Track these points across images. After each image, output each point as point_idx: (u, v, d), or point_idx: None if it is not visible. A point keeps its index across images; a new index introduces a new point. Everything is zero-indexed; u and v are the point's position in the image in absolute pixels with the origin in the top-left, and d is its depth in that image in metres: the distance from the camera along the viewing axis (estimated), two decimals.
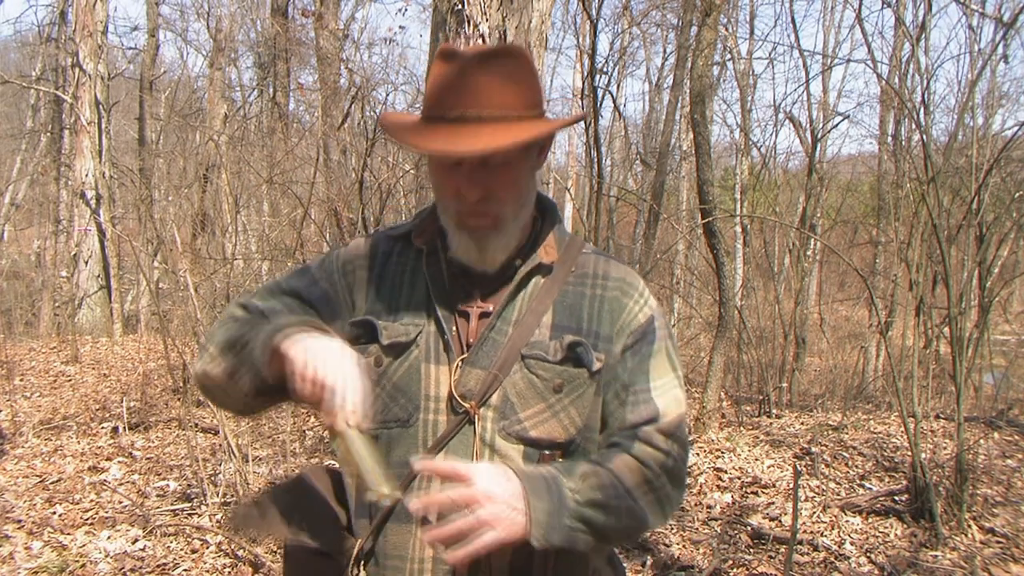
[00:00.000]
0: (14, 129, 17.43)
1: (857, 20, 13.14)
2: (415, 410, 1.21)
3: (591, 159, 11.18)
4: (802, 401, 8.03)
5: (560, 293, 1.24)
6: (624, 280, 1.28)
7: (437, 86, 1.15)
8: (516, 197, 1.20)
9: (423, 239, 1.27)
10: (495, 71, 1.12)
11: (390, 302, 1.26)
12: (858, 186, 16.02)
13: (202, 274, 7.24)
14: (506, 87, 1.13)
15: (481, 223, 1.19)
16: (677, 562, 3.70)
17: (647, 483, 1.18)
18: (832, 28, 17.33)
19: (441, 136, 1.12)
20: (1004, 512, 4.15)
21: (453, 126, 1.12)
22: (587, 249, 1.31)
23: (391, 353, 1.23)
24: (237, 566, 3.54)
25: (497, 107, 1.12)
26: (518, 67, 1.15)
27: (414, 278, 1.27)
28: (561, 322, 1.22)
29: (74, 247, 10.61)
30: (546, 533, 1.08)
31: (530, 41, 2.87)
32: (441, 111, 1.14)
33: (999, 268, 8.02)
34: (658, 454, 1.20)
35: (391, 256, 1.30)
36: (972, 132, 8.50)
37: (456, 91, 1.12)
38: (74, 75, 10.54)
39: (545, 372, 1.20)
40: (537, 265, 1.24)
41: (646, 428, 1.21)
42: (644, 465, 1.19)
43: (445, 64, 1.14)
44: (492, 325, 1.21)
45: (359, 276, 1.29)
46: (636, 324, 1.25)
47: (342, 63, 9.29)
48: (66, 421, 5.95)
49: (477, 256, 1.22)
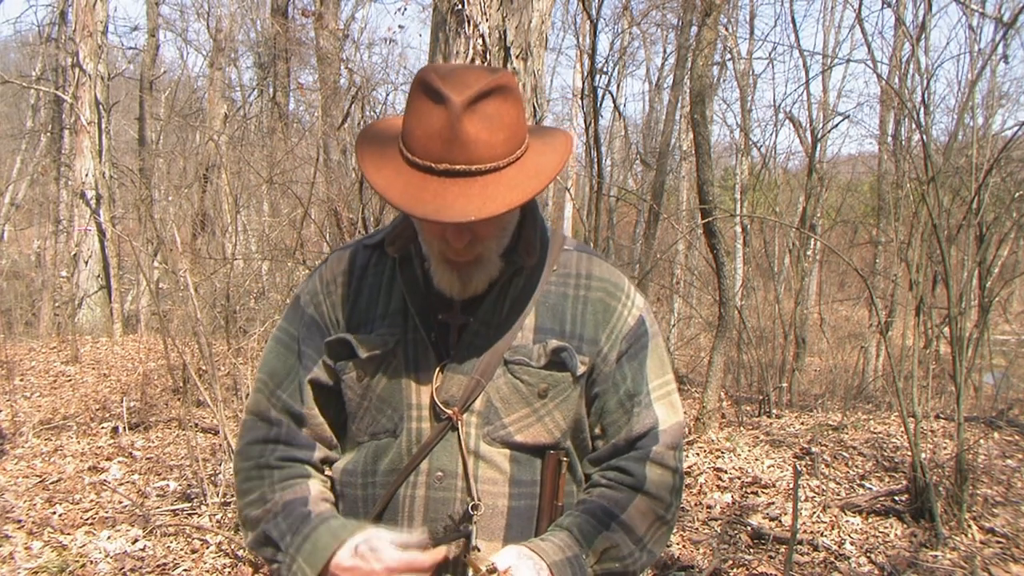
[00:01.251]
0: (14, 129, 17.44)
1: (857, 20, 13.15)
2: (400, 420, 1.20)
3: (591, 159, 11.18)
4: (802, 401, 8.03)
5: (542, 294, 1.23)
6: (608, 280, 1.27)
7: (421, 130, 1.07)
8: (499, 234, 1.18)
9: (396, 247, 1.25)
10: (483, 116, 1.06)
11: (367, 315, 1.24)
12: (858, 186, 16.04)
13: (202, 274, 7.23)
14: (495, 134, 1.07)
15: (465, 259, 1.17)
16: (677, 562, 3.70)
17: (659, 520, 1.22)
18: (832, 28, 17.33)
19: (430, 194, 1.06)
20: (1004, 512, 4.15)
21: (441, 180, 1.06)
22: (568, 246, 1.29)
23: (371, 365, 1.22)
24: (237, 566, 3.54)
25: (487, 159, 1.06)
26: (504, 104, 1.08)
27: (391, 288, 1.25)
28: (544, 324, 1.22)
29: (74, 247, 10.62)
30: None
31: (530, 41, 2.87)
32: (427, 160, 1.07)
33: (999, 268, 8.02)
34: (667, 476, 1.23)
35: (367, 268, 1.28)
36: (972, 132, 8.52)
37: (444, 142, 1.05)
38: (74, 75, 10.54)
39: (530, 377, 1.19)
40: (519, 268, 1.23)
41: (656, 448, 1.23)
42: (658, 500, 1.22)
43: (429, 102, 1.07)
44: (474, 330, 1.20)
45: (340, 293, 1.28)
46: (628, 328, 1.25)
47: (342, 63, 9.28)
48: (66, 421, 5.95)
49: (460, 289, 1.19)
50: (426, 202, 1.05)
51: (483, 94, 1.06)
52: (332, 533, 1.16)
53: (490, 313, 1.21)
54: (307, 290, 1.31)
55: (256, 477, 1.26)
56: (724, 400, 6.75)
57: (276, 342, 1.31)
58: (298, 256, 6.94)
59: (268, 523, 1.22)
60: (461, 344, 1.20)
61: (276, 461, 1.25)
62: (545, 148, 1.15)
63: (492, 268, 1.19)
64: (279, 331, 1.32)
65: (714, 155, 7.71)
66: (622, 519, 1.19)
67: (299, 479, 1.25)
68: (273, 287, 7.25)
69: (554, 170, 1.12)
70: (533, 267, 1.24)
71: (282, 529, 1.19)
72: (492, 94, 1.07)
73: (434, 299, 1.22)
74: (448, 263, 1.17)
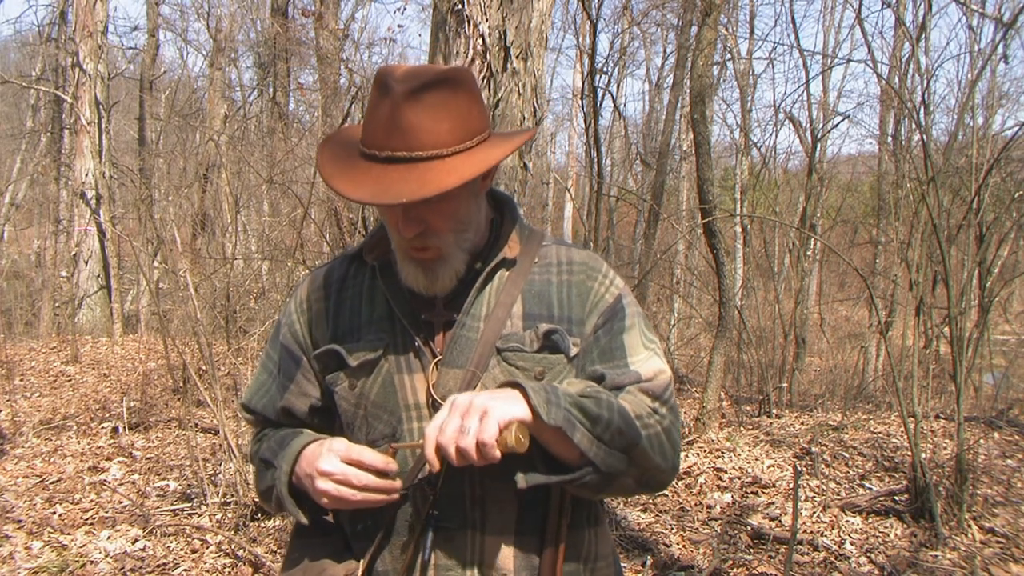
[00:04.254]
0: (14, 129, 17.43)
1: (857, 20, 13.15)
2: (398, 422, 1.20)
3: (591, 159, 11.19)
4: (802, 401, 8.03)
5: (527, 283, 1.24)
6: (587, 264, 1.28)
7: (370, 120, 1.12)
8: (456, 227, 1.17)
9: (375, 255, 1.27)
10: (426, 105, 1.08)
11: (352, 324, 1.25)
12: (858, 186, 16.05)
13: (202, 274, 7.24)
14: (438, 122, 1.08)
15: (424, 255, 1.18)
16: (677, 562, 3.70)
17: (637, 417, 1.15)
18: (832, 28, 17.36)
19: (371, 179, 1.09)
20: (1004, 512, 4.15)
21: (383, 167, 1.09)
22: (547, 241, 1.30)
23: (362, 373, 1.22)
24: (237, 566, 3.54)
25: (429, 146, 1.08)
26: (453, 96, 1.10)
27: (372, 294, 1.25)
28: (532, 310, 1.22)
29: (74, 247, 10.61)
30: (547, 410, 1.06)
31: (530, 41, 2.86)
32: (372, 149, 1.10)
33: (999, 268, 8.03)
34: (645, 406, 1.18)
35: (346, 279, 1.29)
36: (972, 132, 8.52)
37: (386, 129, 1.08)
38: (74, 75, 10.53)
39: (524, 363, 1.19)
40: (500, 260, 1.23)
41: (630, 387, 1.19)
42: (632, 406, 1.16)
43: (378, 95, 1.11)
44: (462, 323, 1.20)
45: (316, 309, 1.29)
46: (605, 304, 1.25)
47: (342, 63, 9.29)
48: (66, 421, 5.95)
49: (426, 284, 1.20)
50: (365, 186, 1.09)
51: (427, 84, 1.08)
52: (308, 435, 1.26)
53: (476, 305, 1.21)
54: (285, 314, 1.35)
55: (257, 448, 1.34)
56: (724, 400, 6.75)
57: (261, 365, 1.39)
58: (298, 256, 6.94)
59: (265, 451, 1.30)
60: (452, 339, 1.20)
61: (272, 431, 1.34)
62: (501, 142, 1.17)
63: (456, 263, 1.19)
64: (264, 354, 1.39)
65: (714, 155, 7.71)
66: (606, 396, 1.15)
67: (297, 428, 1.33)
68: (273, 287, 7.25)
69: (498, 157, 1.12)
70: (516, 260, 1.24)
71: (274, 450, 1.27)
72: (438, 85, 1.09)
73: (416, 300, 1.22)
74: (411, 259, 1.19)
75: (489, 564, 1.17)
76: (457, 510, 1.17)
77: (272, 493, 1.24)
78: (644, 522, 4.15)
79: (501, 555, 1.17)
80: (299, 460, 1.20)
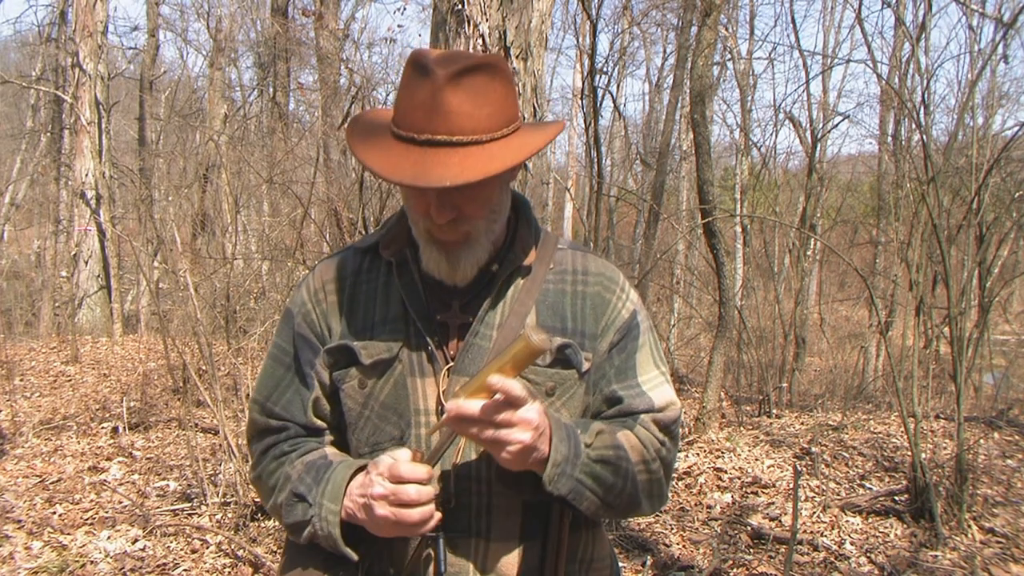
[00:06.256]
0: (14, 129, 17.44)
1: (857, 20, 13.16)
2: (407, 426, 1.19)
3: (591, 159, 11.19)
4: (802, 401, 8.02)
5: (541, 292, 1.23)
6: (604, 275, 1.27)
7: (407, 102, 1.10)
8: (487, 214, 1.16)
9: (391, 250, 1.24)
10: (467, 90, 1.07)
11: (366, 321, 1.22)
12: (858, 186, 16.05)
13: (202, 274, 7.24)
14: (479, 108, 1.08)
15: (452, 239, 1.16)
16: (677, 562, 3.70)
17: (644, 463, 1.18)
18: (832, 28, 17.38)
19: (410, 162, 1.07)
20: (1004, 512, 4.15)
21: (423, 150, 1.07)
22: (562, 244, 1.29)
23: (374, 372, 1.20)
24: (237, 566, 3.54)
25: (469, 131, 1.07)
26: (491, 82, 1.09)
27: (388, 292, 1.23)
28: (545, 322, 1.21)
29: (74, 247, 10.61)
30: (556, 478, 1.08)
31: (530, 41, 2.87)
32: (411, 132, 1.08)
33: (999, 268, 8.03)
34: (655, 440, 1.21)
35: (360, 273, 1.26)
36: (972, 132, 8.52)
37: (426, 112, 1.07)
38: (74, 75, 10.53)
39: (536, 376, 1.18)
40: (516, 267, 1.22)
41: (644, 416, 1.22)
42: (643, 445, 1.19)
43: (417, 77, 1.09)
44: (476, 331, 1.19)
45: (331, 300, 1.25)
46: (621, 321, 1.25)
47: (342, 63, 9.28)
48: (66, 421, 5.95)
49: (448, 271, 1.18)
50: (404, 169, 1.07)
51: (469, 69, 1.07)
52: (348, 465, 1.18)
53: (490, 314, 1.20)
54: (296, 302, 1.29)
55: (276, 469, 1.26)
56: (724, 400, 6.75)
57: (271, 359, 1.30)
58: (298, 256, 6.94)
59: (296, 482, 1.21)
60: (465, 347, 1.19)
61: (289, 447, 1.26)
62: (535, 131, 1.17)
63: (480, 251, 1.18)
64: (274, 347, 1.32)
65: (714, 155, 7.71)
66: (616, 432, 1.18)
67: (315, 448, 1.26)
68: (273, 287, 7.25)
69: (537, 146, 1.12)
70: (531, 267, 1.24)
71: (308, 484, 1.19)
72: (479, 70, 1.08)
73: (432, 301, 1.21)
74: (436, 243, 1.17)
75: (493, 570, 1.17)
76: (463, 518, 1.17)
77: (303, 528, 1.18)
78: (644, 522, 4.15)
79: (504, 561, 1.18)
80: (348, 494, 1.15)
